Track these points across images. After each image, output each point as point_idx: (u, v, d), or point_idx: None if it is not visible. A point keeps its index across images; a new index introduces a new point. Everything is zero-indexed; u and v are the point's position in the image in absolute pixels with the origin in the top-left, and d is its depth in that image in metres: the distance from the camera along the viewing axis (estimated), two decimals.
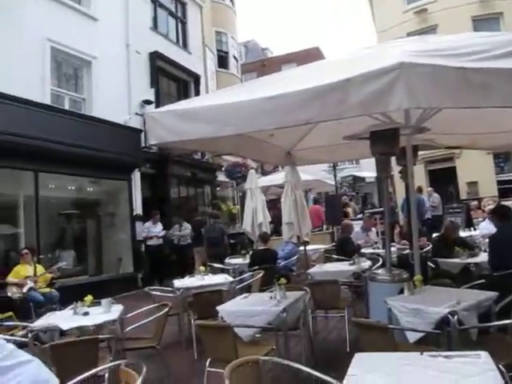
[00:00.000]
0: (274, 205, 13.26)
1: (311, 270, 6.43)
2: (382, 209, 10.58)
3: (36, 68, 9.56)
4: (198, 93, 15.55)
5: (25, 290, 7.07)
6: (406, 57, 2.92)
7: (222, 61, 19.16)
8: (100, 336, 3.58)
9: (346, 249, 7.64)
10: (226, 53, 19.52)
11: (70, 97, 10.85)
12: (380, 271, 4.75)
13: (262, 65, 33.81)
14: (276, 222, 12.41)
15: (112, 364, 2.57)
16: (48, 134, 8.74)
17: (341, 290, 5.63)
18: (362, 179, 23.19)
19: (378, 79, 2.85)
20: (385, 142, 4.09)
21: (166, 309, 4.48)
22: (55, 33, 10.00)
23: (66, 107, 10.51)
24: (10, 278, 7.23)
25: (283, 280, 4.31)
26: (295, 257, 8.46)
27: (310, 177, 12.26)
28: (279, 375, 4.00)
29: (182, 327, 5.88)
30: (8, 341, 3.61)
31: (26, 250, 7.58)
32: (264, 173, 19.76)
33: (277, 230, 12.87)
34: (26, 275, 7.27)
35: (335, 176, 19.57)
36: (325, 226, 14.26)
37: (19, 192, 9.34)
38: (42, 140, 8.61)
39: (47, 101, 9.63)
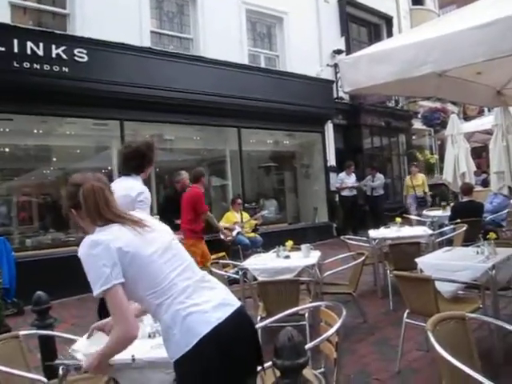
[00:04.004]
0: (478, 154, 11.93)
1: None
2: None
3: (235, 31, 10.27)
4: (390, 35, 14.59)
5: (234, 233, 7.96)
6: None
7: None
8: (301, 278, 3.82)
9: None
10: None
11: (265, 55, 11.40)
12: None
13: None
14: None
15: (314, 304, 2.72)
16: (248, 92, 9.40)
17: None
18: None
19: None
20: None
21: (363, 257, 4.51)
22: None
23: (262, 65, 11.10)
24: (222, 223, 8.22)
25: (493, 234, 3.88)
26: (506, 210, 7.52)
27: None
28: (485, 336, 3.70)
29: (377, 277, 5.87)
30: (223, 276, 4.11)
31: (239, 200, 8.52)
32: (466, 118, 17.77)
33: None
34: (235, 221, 8.16)
35: None
36: None
37: (226, 147, 10.41)
38: (243, 98, 9.31)
39: (245, 61, 10.32)
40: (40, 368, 3.03)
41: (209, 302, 1.67)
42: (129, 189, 3.36)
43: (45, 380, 2.28)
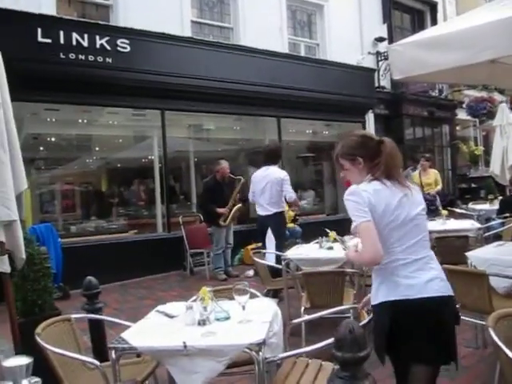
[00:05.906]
0: None
1: None
2: None
3: (275, 19, 10.14)
4: (434, 22, 14.05)
5: None
6: None
7: None
8: (346, 270, 3.75)
9: None
10: None
11: (305, 43, 11.22)
12: None
13: None
14: None
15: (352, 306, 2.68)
16: (287, 81, 9.26)
17: None
18: None
19: None
20: None
21: None
22: None
23: (302, 54, 10.95)
24: None
25: None
26: None
27: None
28: None
29: None
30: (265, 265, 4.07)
31: None
32: None
33: None
34: None
35: None
36: None
37: (265, 137, 10.34)
38: (283, 88, 9.19)
39: (285, 50, 10.19)
40: (89, 350, 3.10)
41: (408, 278, 1.96)
42: (277, 172, 5.39)
43: (97, 363, 2.32)
